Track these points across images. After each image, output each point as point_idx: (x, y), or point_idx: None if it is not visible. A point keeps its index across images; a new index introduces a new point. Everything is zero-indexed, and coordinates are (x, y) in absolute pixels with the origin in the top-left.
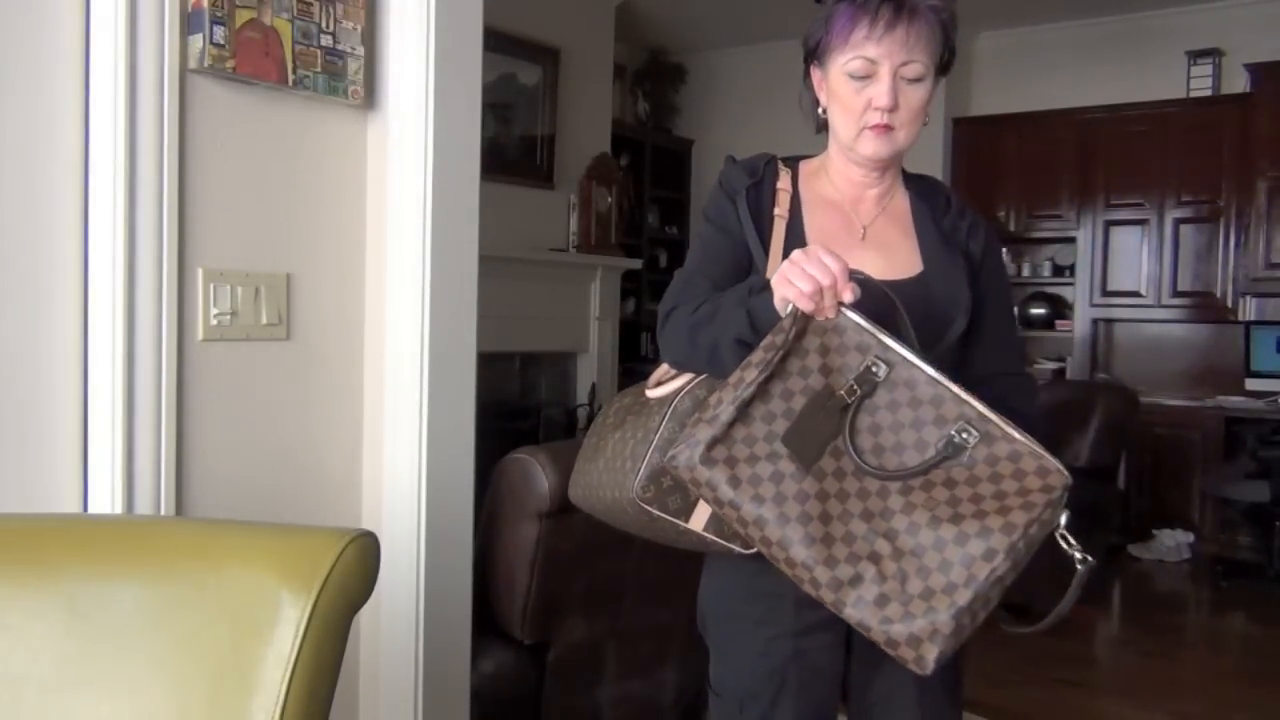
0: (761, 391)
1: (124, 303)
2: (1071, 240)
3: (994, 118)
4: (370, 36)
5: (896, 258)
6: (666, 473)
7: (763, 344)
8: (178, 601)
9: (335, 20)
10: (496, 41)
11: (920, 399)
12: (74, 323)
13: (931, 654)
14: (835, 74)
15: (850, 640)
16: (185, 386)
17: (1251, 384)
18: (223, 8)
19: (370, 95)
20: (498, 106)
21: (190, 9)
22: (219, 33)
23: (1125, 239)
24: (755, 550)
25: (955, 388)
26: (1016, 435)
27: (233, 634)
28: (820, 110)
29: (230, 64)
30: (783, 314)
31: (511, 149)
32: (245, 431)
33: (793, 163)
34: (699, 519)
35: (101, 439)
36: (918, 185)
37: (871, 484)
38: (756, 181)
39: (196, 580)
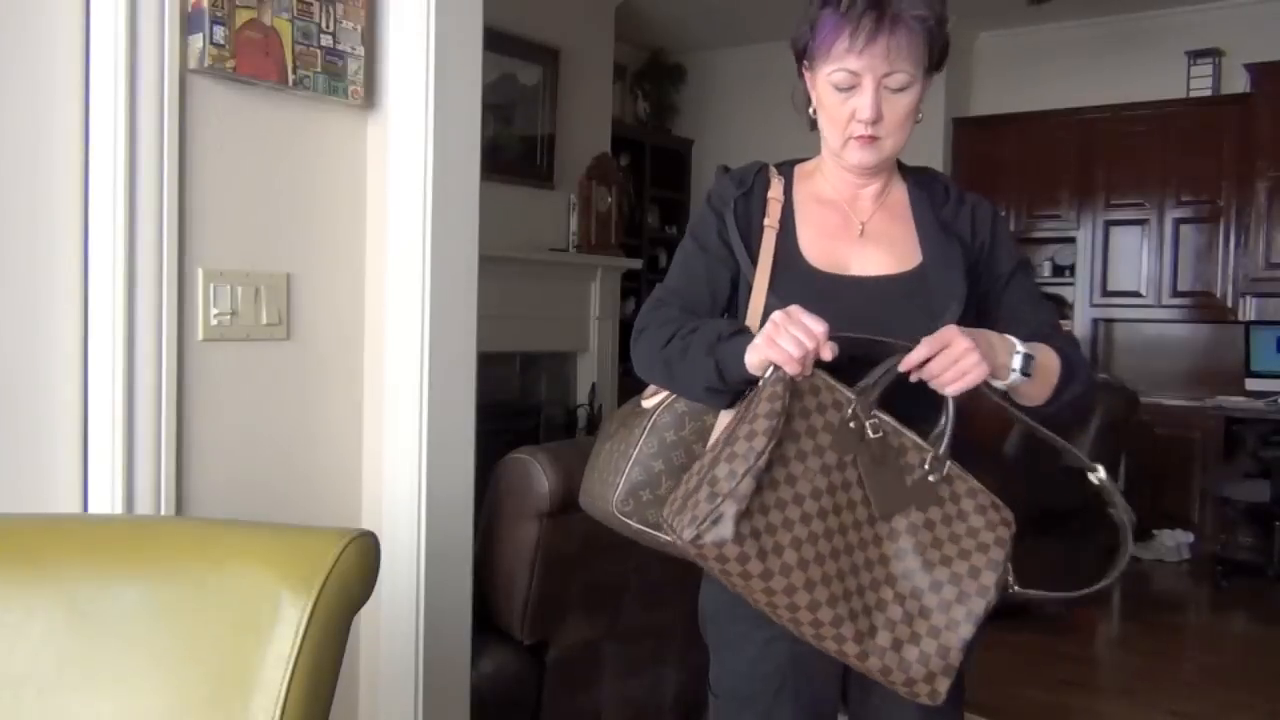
0: (778, 456)
1: (124, 303)
2: (1071, 240)
3: (994, 118)
4: (370, 36)
5: (896, 251)
6: (646, 486)
7: (762, 411)
8: (178, 601)
9: (335, 20)
10: (496, 41)
11: (892, 445)
12: (74, 323)
13: (944, 686)
14: (821, 82)
15: None
16: (185, 386)
17: (1251, 384)
18: (223, 8)
19: (370, 95)
20: (498, 106)
21: (190, 9)
22: (219, 33)
23: (1125, 239)
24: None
25: (913, 435)
26: (969, 476)
27: (233, 634)
28: (811, 110)
29: (230, 64)
30: (760, 373)
31: (511, 149)
32: (245, 431)
33: (787, 168)
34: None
35: (101, 439)
36: (916, 176)
37: (870, 533)
38: (745, 192)
39: (196, 580)
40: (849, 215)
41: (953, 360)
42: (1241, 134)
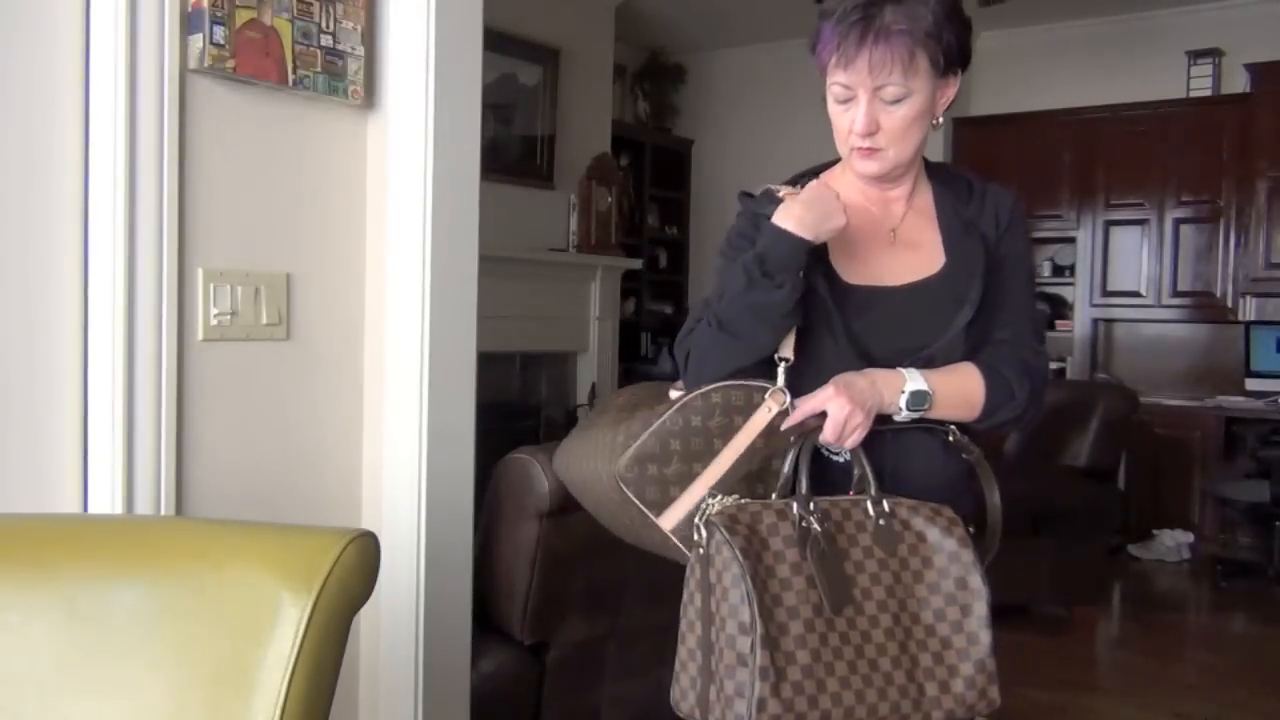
0: (771, 599)
1: (124, 303)
2: (1071, 240)
3: (994, 118)
4: (370, 36)
5: (924, 254)
6: (655, 461)
7: (728, 582)
8: (178, 602)
9: (335, 20)
10: (496, 41)
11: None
12: (74, 323)
13: (996, 692)
14: (827, 94)
15: None
16: (185, 386)
17: (1251, 384)
18: (223, 8)
19: (370, 95)
20: (498, 106)
21: (190, 9)
22: (219, 33)
23: (1125, 239)
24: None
25: (847, 498)
26: (902, 499)
27: (233, 634)
28: None
29: (230, 64)
30: (795, 234)
31: (511, 149)
32: (245, 432)
33: (810, 179)
34: (671, 518)
35: (101, 439)
36: (940, 175)
37: (872, 610)
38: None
39: (196, 580)
40: (880, 221)
41: (838, 425)
42: (1241, 134)
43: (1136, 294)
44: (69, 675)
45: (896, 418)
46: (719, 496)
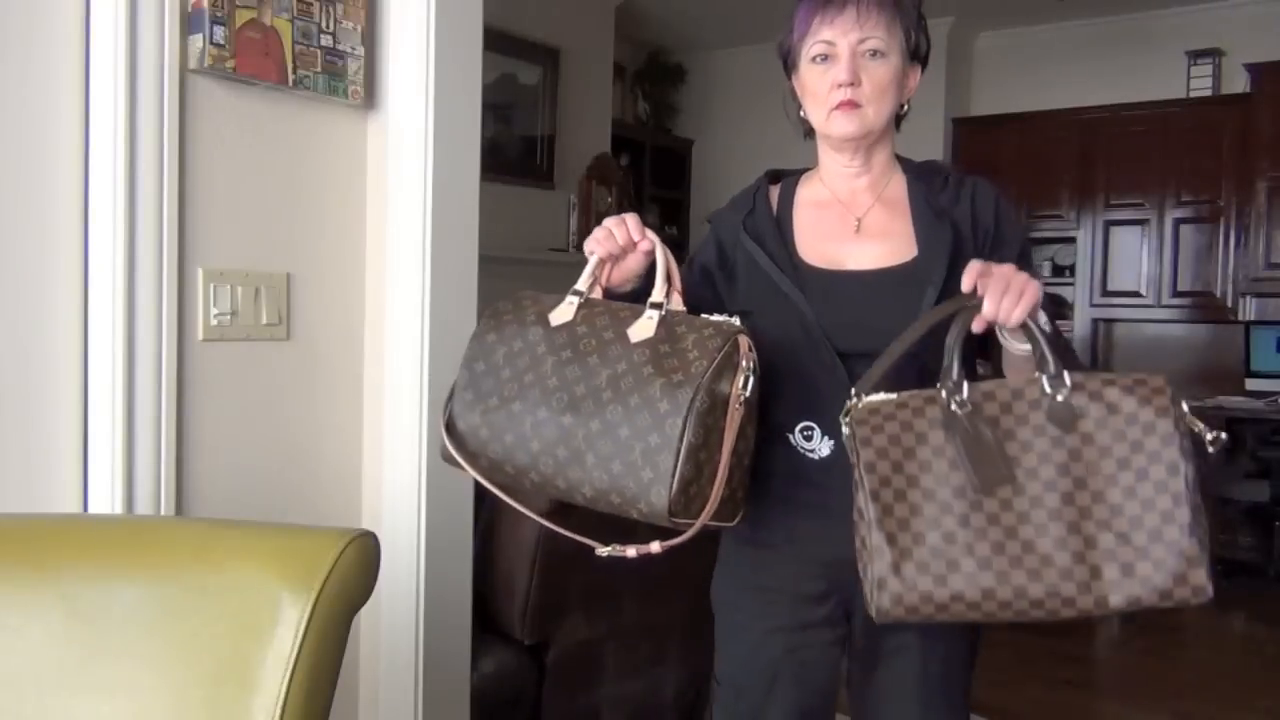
0: (907, 480)
1: (124, 303)
2: (1071, 240)
3: (994, 118)
4: (370, 36)
5: (893, 244)
6: (693, 480)
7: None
8: (178, 602)
9: (335, 20)
10: (496, 41)
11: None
12: (74, 323)
13: (1201, 577)
14: (804, 67)
15: (850, 639)
16: (185, 386)
17: (1251, 384)
18: (223, 8)
19: (370, 95)
20: (498, 106)
21: (190, 9)
22: (219, 33)
23: (1125, 239)
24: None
25: (1019, 378)
26: (1095, 373)
27: (233, 634)
28: (801, 112)
29: (230, 64)
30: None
31: (511, 149)
32: (245, 432)
33: (788, 180)
34: (707, 514)
35: (101, 439)
36: (917, 169)
37: (1038, 488)
38: (750, 211)
39: (196, 580)
40: (844, 214)
41: (1005, 283)
42: (1241, 134)
43: (1136, 294)
44: (69, 675)
45: (1017, 346)
46: (861, 395)
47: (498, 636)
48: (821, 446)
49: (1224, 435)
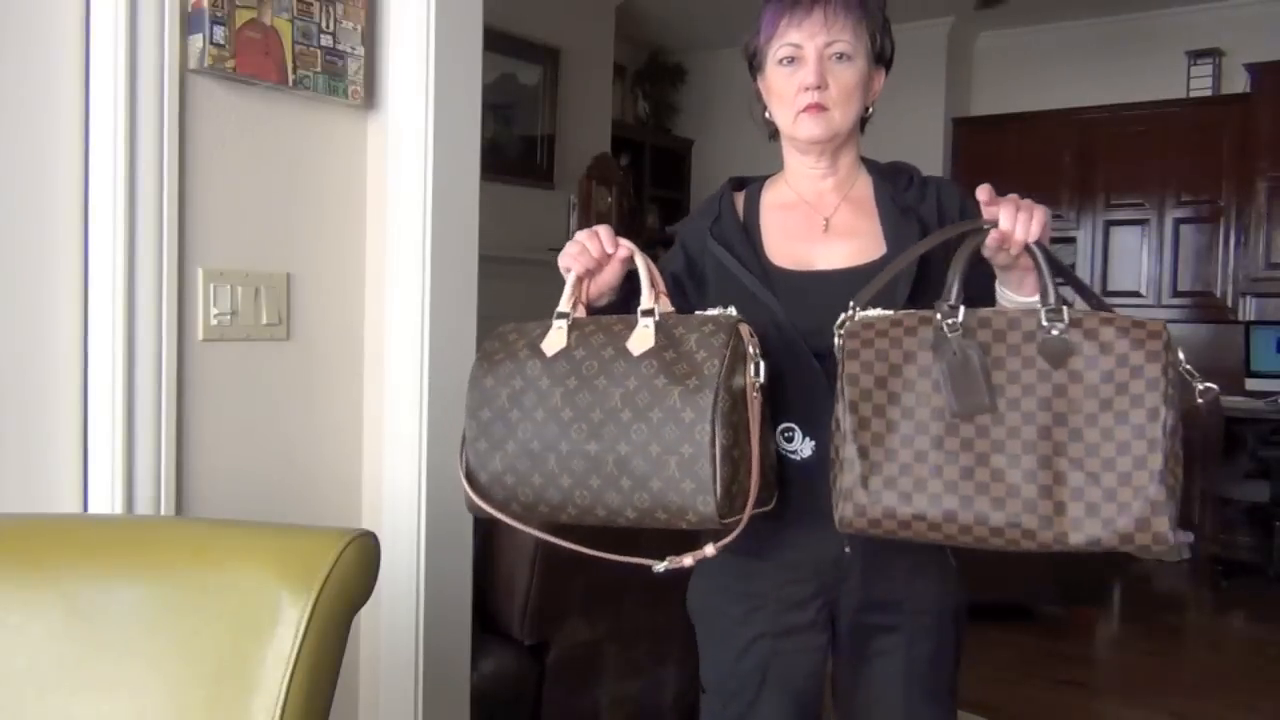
0: (888, 396)
1: (124, 303)
2: (1071, 240)
3: (994, 118)
4: (370, 36)
5: (861, 244)
6: (734, 479)
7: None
8: (178, 601)
9: (335, 20)
10: (496, 41)
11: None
12: (74, 323)
13: (1164, 525)
14: (770, 69)
15: (835, 642)
16: (185, 386)
17: (1251, 384)
18: (223, 8)
19: (370, 95)
20: (498, 106)
21: (190, 9)
22: (219, 33)
23: (1125, 239)
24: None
25: (1019, 304)
26: (1093, 311)
27: (233, 634)
28: (766, 114)
29: (230, 64)
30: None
31: (511, 149)
32: (245, 432)
33: (753, 185)
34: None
35: (101, 439)
36: (881, 169)
37: (1015, 419)
38: (716, 218)
39: (196, 580)
40: (811, 214)
41: (1017, 204)
42: (1241, 134)
43: (1136, 294)
44: (69, 674)
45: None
46: (857, 309)
47: (498, 636)
48: (803, 447)
49: (1215, 387)
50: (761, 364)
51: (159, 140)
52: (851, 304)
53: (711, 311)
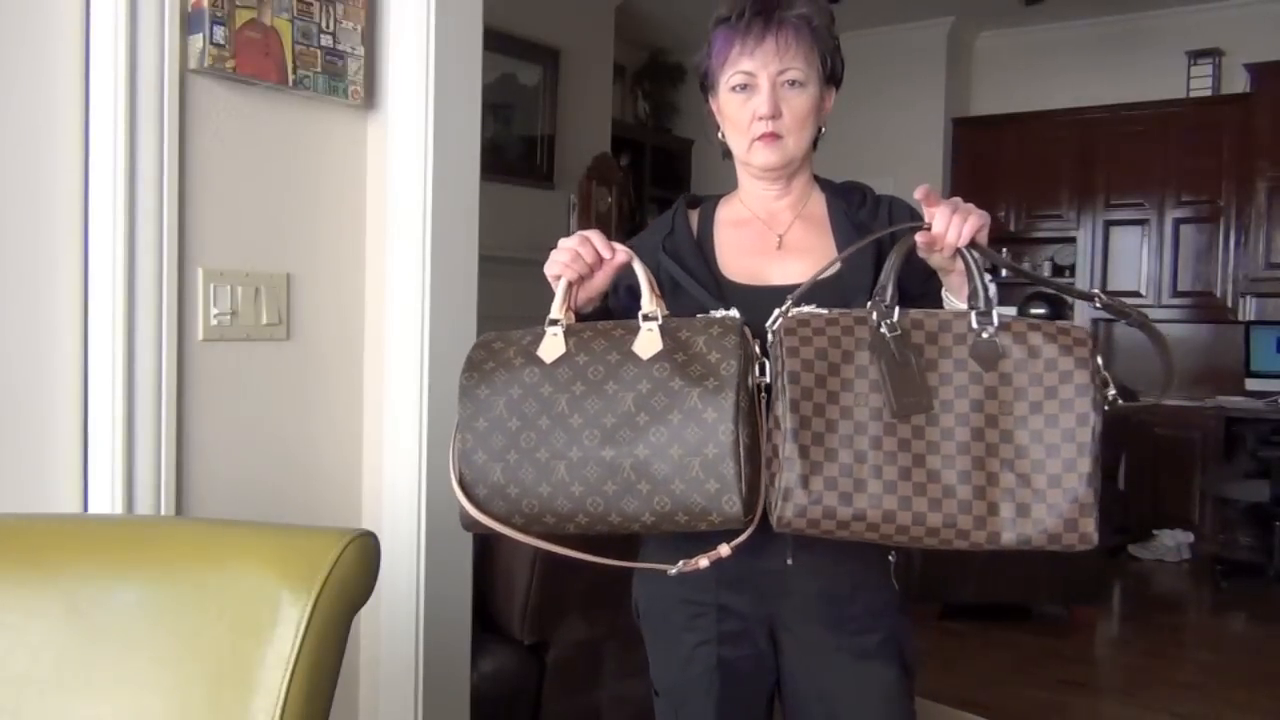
0: (827, 396)
1: (124, 303)
2: (1071, 240)
3: (994, 118)
4: (370, 36)
5: (815, 260)
6: (755, 478)
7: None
8: (178, 601)
9: (335, 20)
10: (496, 41)
11: (914, 340)
12: (74, 323)
13: (1090, 525)
14: (723, 94)
15: (777, 643)
16: (185, 386)
17: (1251, 384)
18: (223, 8)
19: (370, 95)
20: (498, 106)
21: (190, 9)
22: (219, 33)
23: (1125, 239)
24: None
25: (952, 307)
26: (1022, 317)
27: (233, 634)
28: (720, 135)
29: (230, 64)
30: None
31: (511, 149)
32: (245, 431)
33: (708, 202)
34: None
35: (101, 439)
36: (835, 188)
37: (950, 420)
38: (669, 232)
39: (196, 580)
40: (765, 232)
41: (953, 206)
42: (1241, 134)
43: (1136, 294)
44: (69, 674)
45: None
46: (790, 306)
47: (498, 636)
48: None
49: (1115, 394)
50: (766, 364)
51: (159, 140)
52: (789, 298)
53: (716, 314)
